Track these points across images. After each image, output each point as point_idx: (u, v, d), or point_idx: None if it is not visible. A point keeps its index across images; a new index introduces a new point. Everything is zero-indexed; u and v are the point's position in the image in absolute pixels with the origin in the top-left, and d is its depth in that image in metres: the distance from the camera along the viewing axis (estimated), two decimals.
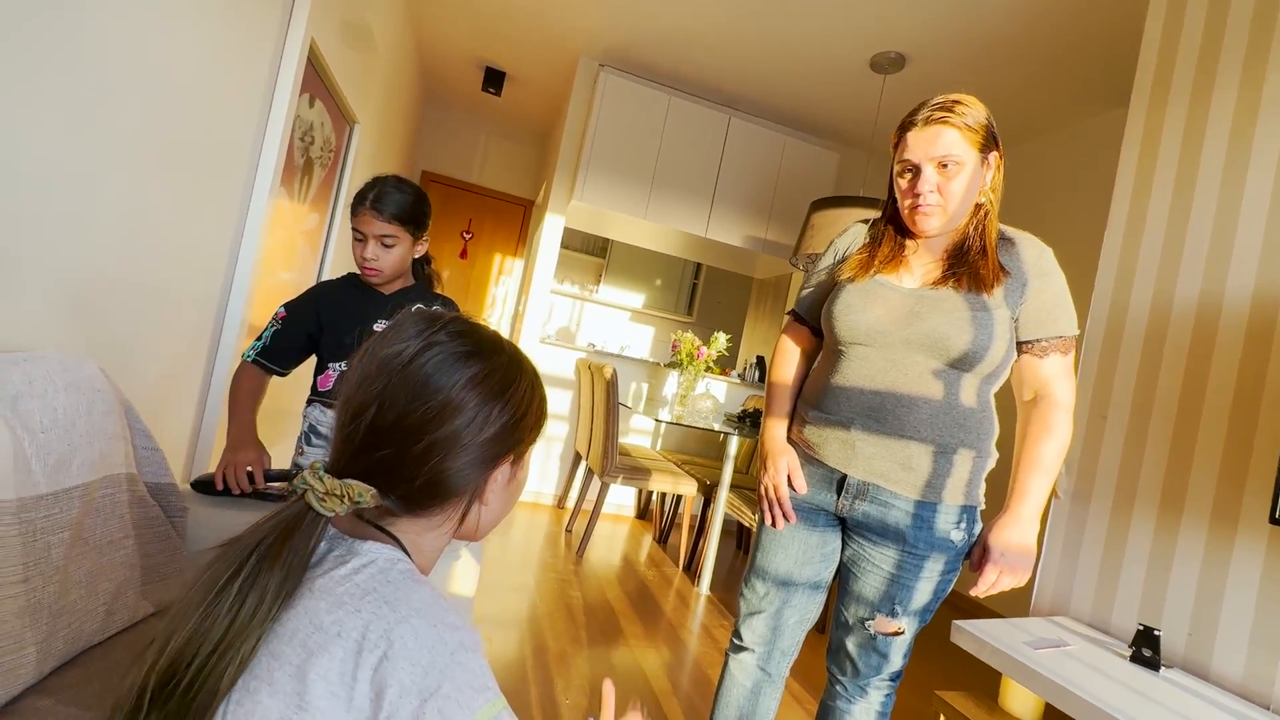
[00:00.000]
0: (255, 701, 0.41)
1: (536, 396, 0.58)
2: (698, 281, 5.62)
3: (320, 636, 0.42)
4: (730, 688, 1.19)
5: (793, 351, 1.24)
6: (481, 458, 0.52)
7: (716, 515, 2.70)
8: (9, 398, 0.75)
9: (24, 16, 0.88)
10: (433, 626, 0.43)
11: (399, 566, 0.48)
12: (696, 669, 2.00)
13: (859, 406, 1.04)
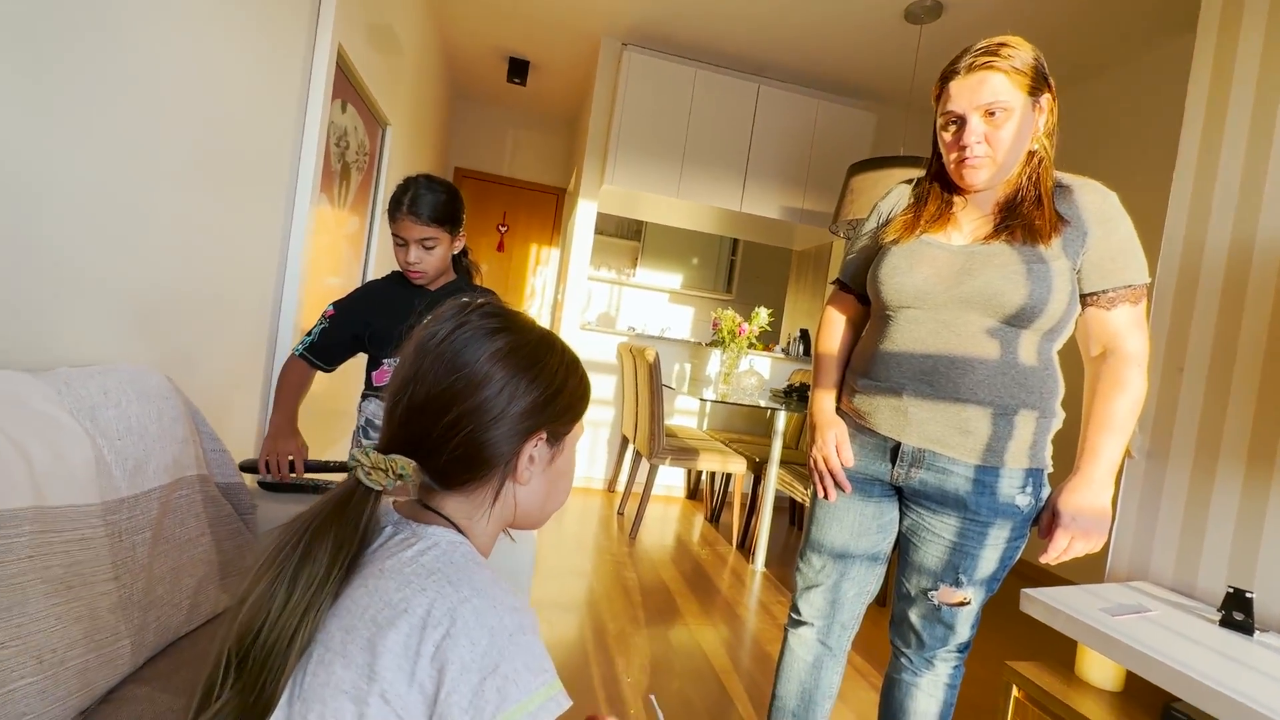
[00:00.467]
0: (330, 672, 0.44)
1: (572, 378, 0.57)
2: (735, 258, 5.53)
3: (389, 613, 0.44)
4: (791, 663, 1.18)
5: (838, 321, 1.20)
6: (512, 431, 0.53)
7: (767, 492, 2.68)
8: (88, 409, 0.79)
9: (70, 46, 0.92)
10: (493, 608, 0.45)
11: (461, 549, 0.50)
12: (756, 646, 1.99)
13: (910, 371, 1.00)
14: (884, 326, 1.06)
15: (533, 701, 0.43)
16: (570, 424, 0.58)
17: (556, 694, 0.45)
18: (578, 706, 1.50)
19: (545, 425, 0.54)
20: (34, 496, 0.66)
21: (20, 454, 0.66)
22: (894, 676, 1.13)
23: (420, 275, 1.38)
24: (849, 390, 1.12)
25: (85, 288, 1.02)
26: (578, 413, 0.59)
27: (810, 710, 1.16)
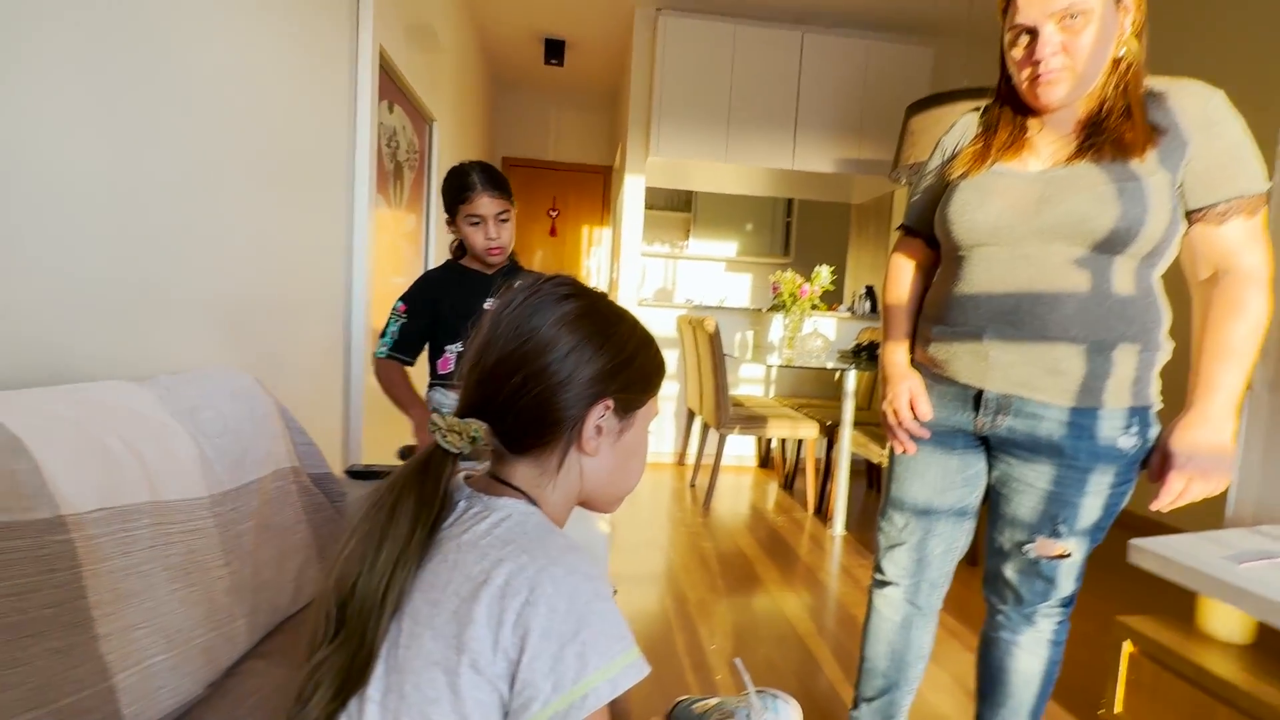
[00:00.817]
0: (420, 644, 0.45)
1: (644, 351, 0.57)
2: (791, 219, 5.36)
3: (470, 585, 0.45)
4: (878, 624, 1.14)
5: (906, 268, 1.13)
6: (578, 395, 0.52)
7: (842, 455, 2.61)
8: (188, 410, 0.86)
9: (136, 78, 0.97)
10: (570, 574, 0.45)
11: (534, 519, 0.51)
12: (840, 609, 1.96)
13: (990, 313, 0.94)
14: (957, 268, 0.99)
15: (613, 667, 0.44)
16: (640, 397, 0.57)
17: (636, 660, 0.45)
18: (663, 675, 1.52)
19: (612, 394, 0.54)
20: (150, 492, 0.72)
21: (134, 455, 0.72)
22: (991, 635, 1.08)
23: (500, 251, 1.40)
24: (923, 339, 1.06)
25: (177, 301, 1.09)
26: (648, 387, 0.58)
27: (902, 671, 1.13)
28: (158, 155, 1.03)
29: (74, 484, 0.63)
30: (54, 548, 0.58)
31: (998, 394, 0.95)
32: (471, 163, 1.40)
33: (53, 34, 0.81)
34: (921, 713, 1.44)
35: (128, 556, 0.66)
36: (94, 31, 0.88)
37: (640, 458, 0.60)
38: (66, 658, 0.56)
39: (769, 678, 1.53)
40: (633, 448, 0.58)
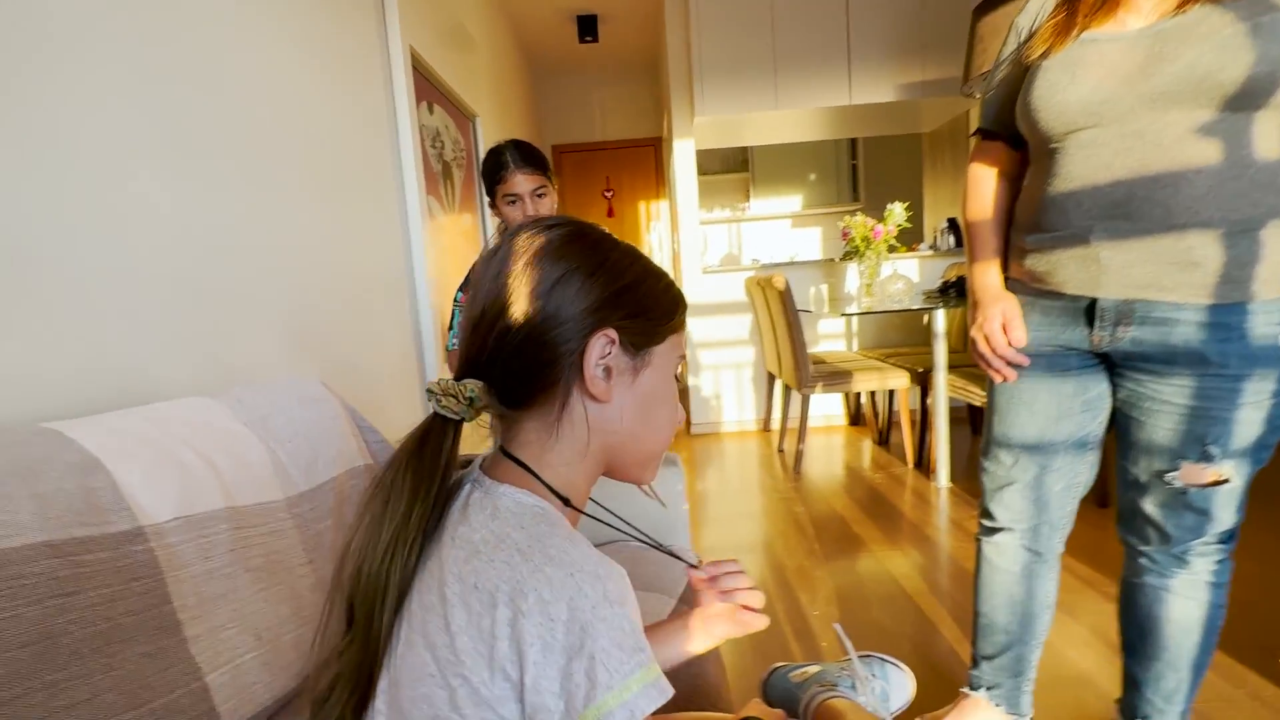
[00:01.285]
0: (414, 654, 0.40)
1: (650, 278, 0.50)
2: (856, 162, 5.03)
3: (459, 587, 0.39)
4: (992, 576, 1.03)
5: (988, 176, 1.00)
6: (571, 328, 0.46)
7: (939, 402, 2.42)
8: (259, 419, 0.88)
9: (183, 107, 1.01)
10: (570, 576, 0.38)
11: (532, 510, 0.44)
12: (953, 565, 1.82)
13: (1096, 208, 0.80)
14: (1051, 164, 0.85)
15: (628, 689, 0.37)
16: (652, 330, 0.49)
17: (655, 680, 0.38)
18: (766, 644, 1.47)
19: (614, 322, 0.46)
20: (225, 499, 0.74)
21: (209, 465, 0.74)
22: (1134, 581, 0.94)
23: None
24: (1017, 253, 0.93)
25: (247, 318, 1.14)
26: (659, 317, 0.50)
27: (1027, 625, 1.01)
28: (212, 180, 1.07)
29: (150, 496, 0.65)
30: (135, 557, 0.60)
31: (1115, 301, 0.81)
32: (506, 142, 1.39)
33: (102, 72, 0.85)
34: (1056, 670, 1.31)
35: (209, 561, 0.68)
36: (140, 67, 0.92)
37: (668, 406, 0.52)
38: (157, 660, 0.58)
39: (879, 643, 1.44)
40: (655, 394, 0.50)
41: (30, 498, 0.55)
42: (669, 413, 0.52)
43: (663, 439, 0.52)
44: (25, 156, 0.75)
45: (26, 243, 0.74)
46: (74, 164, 0.82)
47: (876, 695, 0.68)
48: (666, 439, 0.52)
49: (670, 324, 0.51)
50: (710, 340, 3.57)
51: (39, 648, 0.50)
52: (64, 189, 0.80)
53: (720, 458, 3.18)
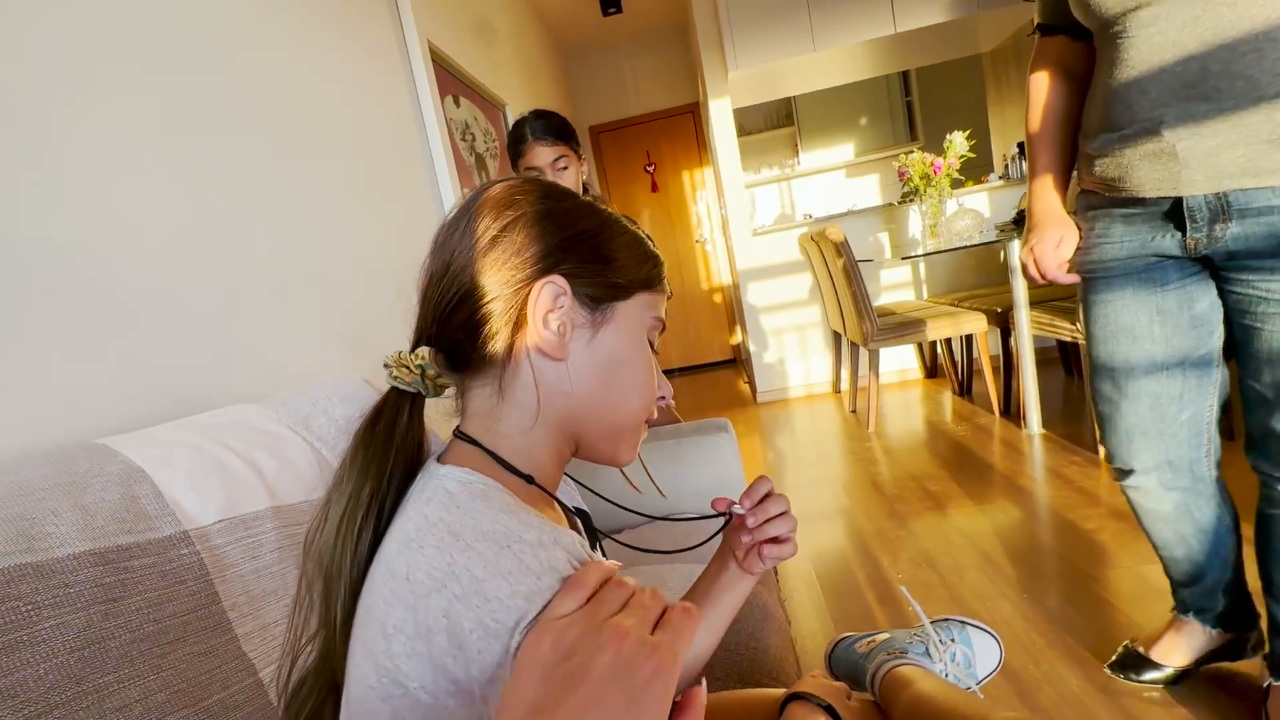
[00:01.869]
0: (356, 664, 0.36)
1: (607, 225, 0.45)
2: (910, 97, 4.69)
3: (393, 582, 0.34)
4: (1147, 519, 0.94)
5: (1047, 80, 0.88)
6: (510, 275, 0.41)
7: (1022, 342, 2.22)
8: (301, 419, 0.89)
9: (216, 127, 1.03)
10: (506, 547, 0.34)
11: (468, 488, 0.38)
12: (1055, 518, 1.67)
13: (1166, 93, 0.68)
14: (1111, 53, 0.73)
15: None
16: (613, 281, 0.44)
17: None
18: (849, 612, 1.39)
19: (560, 268, 0.42)
20: (270, 499, 0.75)
21: (251, 468, 0.76)
22: (1272, 514, 0.81)
23: None
24: (1085, 161, 0.81)
25: (295, 323, 1.17)
26: (622, 269, 0.44)
27: (1208, 552, 0.90)
28: (248, 192, 1.09)
29: (194, 500, 0.67)
30: (180, 560, 0.62)
31: (1205, 196, 0.68)
32: (529, 113, 1.35)
33: (135, 97, 0.87)
34: None
35: (256, 560, 0.69)
36: (171, 94, 0.94)
37: (637, 372, 0.45)
38: (209, 659, 0.59)
39: (973, 608, 1.34)
40: (618, 355, 0.44)
41: (74, 509, 0.57)
42: (638, 380, 0.45)
43: (631, 410, 0.45)
44: (66, 183, 0.78)
45: (72, 264, 0.78)
46: (113, 186, 0.84)
47: (957, 662, 0.61)
48: (636, 411, 0.46)
49: (638, 280, 0.45)
50: (768, 304, 3.44)
51: (87, 653, 0.51)
52: (105, 210, 0.83)
53: (790, 424, 3.08)
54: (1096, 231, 0.83)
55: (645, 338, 0.47)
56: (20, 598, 0.49)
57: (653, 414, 0.48)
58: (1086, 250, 0.86)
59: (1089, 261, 0.86)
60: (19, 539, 0.51)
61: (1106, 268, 0.83)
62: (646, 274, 0.46)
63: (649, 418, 0.47)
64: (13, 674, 0.46)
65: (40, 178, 0.76)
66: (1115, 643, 1.12)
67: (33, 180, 0.75)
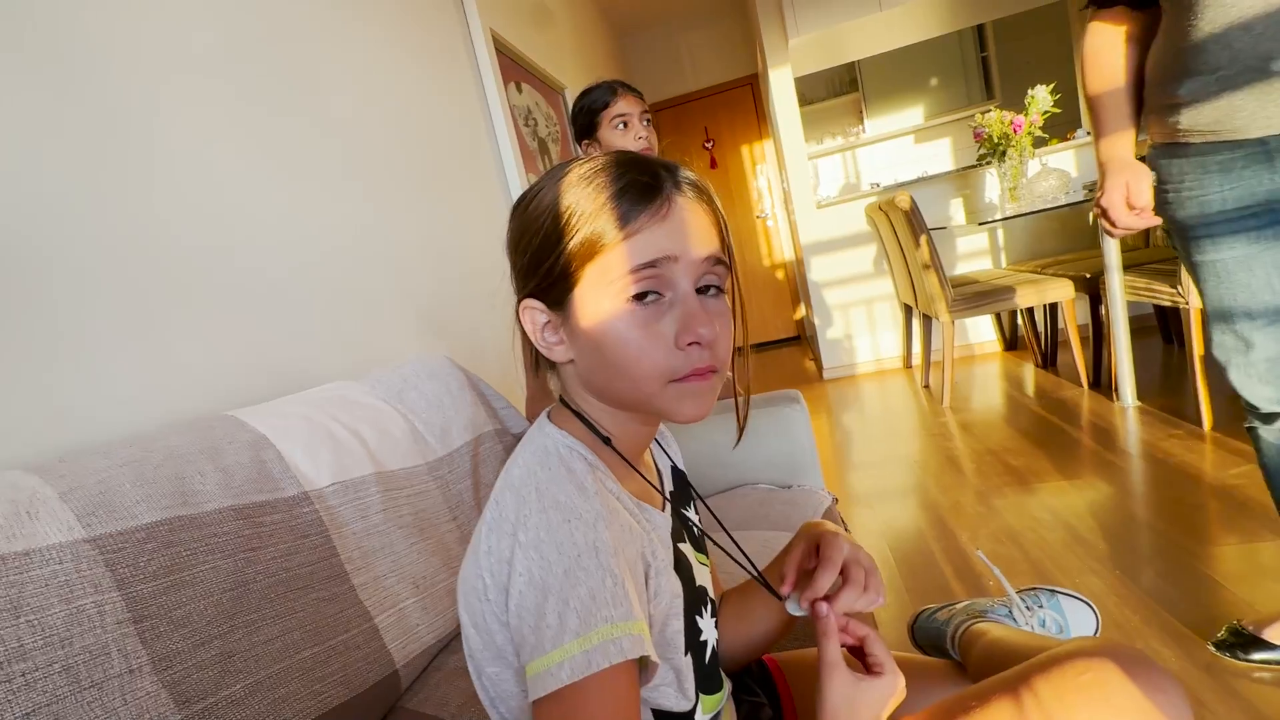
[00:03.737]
0: (466, 564, 0.44)
1: (532, 226, 0.45)
2: (986, 53, 4.40)
3: (495, 510, 0.42)
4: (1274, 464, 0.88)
5: (1109, 42, 0.86)
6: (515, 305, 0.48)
7: (1115, 308, 2.08)
8: (396, 393, 0.96)
9: (300, 131, 1.11)
10: (566, 521, 0.39)
11: (561, 453, 0.45)
12: (1153, 494, 1.57)
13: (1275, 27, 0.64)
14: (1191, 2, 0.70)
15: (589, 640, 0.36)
16: (554, 280, 0.44)
17: (620, 637, 0.36)
18: (926, 588, 1.37)
19: (527, 293, 0.47)
20: (374, 465, 0.82)
21: (355, 437, 0.83)
22: None
23: (649, 151, 1.36)
24: (1163, 112, 0.78)
25: (385, 309, 1.25)
26: (555, 263, 0.43)
27: None
28: (333, 188, 1.17)
29: (310, 465, 0.74)
30: (304, 518, 0.69)
31: None
32: (596, 84, 1.37)
33: (234, 111, 0.96)
34: None
35: (365, 520, 0.76)
36: (267, 104, 1.02)
37: (617, 342, 0.42)
38: (332, 604, 0.66)
39: (1060, 581, 1.29)
40: (596, 337, 0.43)
41: (216, 471, 0.64)
42: (625, 353, 0.42)
43: (638, 379, 0.43)
44: (183, 184, 0.86)
45: (197, 261, 0.86)
46: (221, 187, 0.93)
47: (1047, 628, 0.60)
48: (645, 378, 0.43)
49: (578, 256, 0.43)
50: (833, 279, 3.35)
51: (236, 593, 0.58)
52: (218, 211, 0.91)
53: (858, 401, 3.01)
54: (1187, 185, 0.79)
55: (622, 305, 0.42)
56: (181, 544, 0.56)
57: (678, 369, 0.43)
58: (1179, 205, 0.80)
59: (1187, 218, 0.80)
60: (176, 495, 0.58)
61: (1208, 222, 0.78)
62: (593, 235, 0.42)
63: (679, 374, 0.43)
64: (182, 607, 0.53)
65: (162, 178, 0.85)
66: (1220, 622, 1.06)
67: (160, 182, 0.84)
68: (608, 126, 1.34)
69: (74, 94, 0.75)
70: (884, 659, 0.45)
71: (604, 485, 0.44)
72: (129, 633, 0.49)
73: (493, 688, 0.45)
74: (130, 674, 0.48)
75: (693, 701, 0.47)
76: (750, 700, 0.60)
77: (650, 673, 0.40)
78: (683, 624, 0.46)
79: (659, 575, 0.45)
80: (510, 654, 0.42)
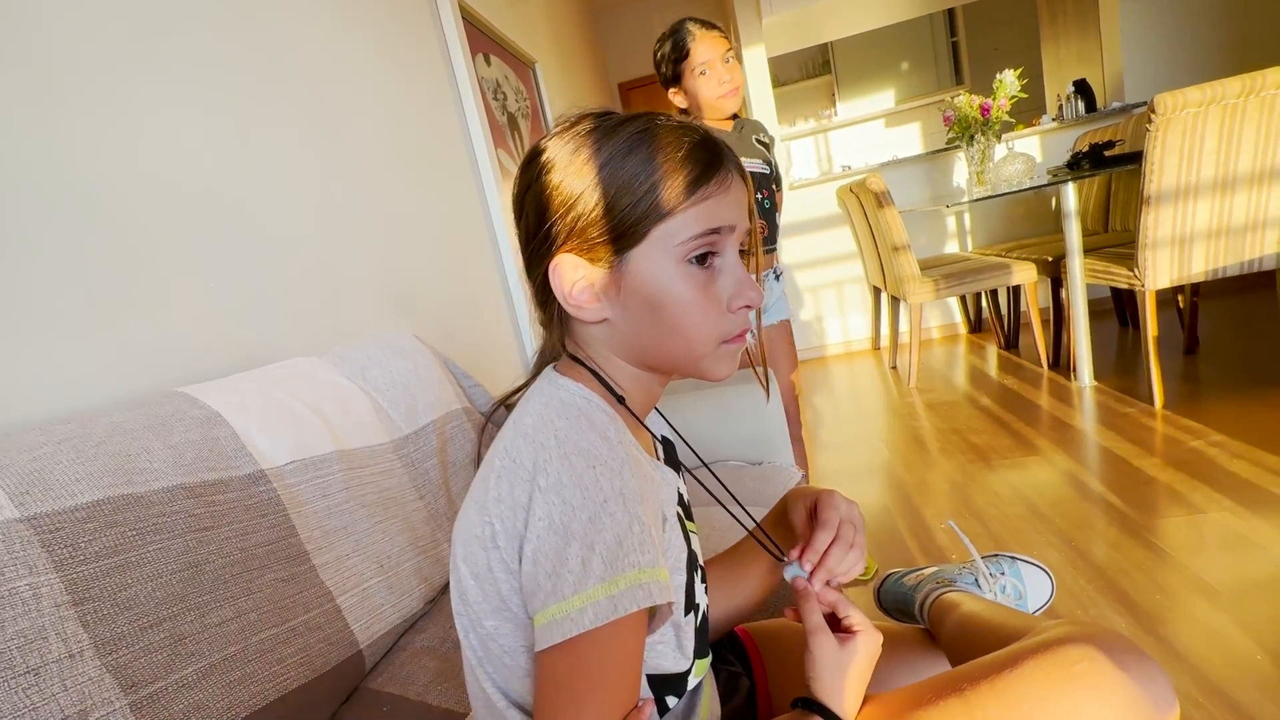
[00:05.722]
0: (469, 517, 0.43)
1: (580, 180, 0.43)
2: (956, 37, 4.45)
3: (505, 460, 0.41)
4: None
5: None
6: (529, 263, 0.48)
7: (1074, 291, 2.14)
8: (359, 370, 0.93)
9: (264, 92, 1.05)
10: (591, 467, 0.38)
11: (580, 405, 0.43)
12: (1107, 469, 1.63)
13: None
14: None
15: (615, 585, 0.36)
16: (609, 235, 0.43)
17: (647, 582, 0.36)
18: (889, 559, 1.41)
19: (563, 247, 0.44)
20: (336, 443, 0.79)
21: (317, 414, 0.80)
22: None
23: (735, 92, 1.30)
24: None
25: (350, 285, 1.21)
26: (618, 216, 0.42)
27: None
28: (294, 157, 1.12)
29: (268, 443, 0.71)
30: (260, 496, 0.66)
31: None
32: (680, 20, 1.32)
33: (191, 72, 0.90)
34: (1247, 573, 1.14)
35: (327, 499, 0.74)
36: (225, 62, 0.96)
37: (676, 304, 0.43)
38: (292, 585, 0.64)
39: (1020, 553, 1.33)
40: (652, 297, 0.43)
41: (165, 448, 0.61)
42: (682, 316, 0.44)
43: (689, 343, 0.44)
44: (137, 146, 0.81)
45: (146, 226, 0.81)
46: (177, 148, 0.88)
47: (1008, 594, 0.61)
48: (695, 342, 0.44)
49: (651, 213, 0.42)
50: (804, 260, 3.37)
51: (187, 574, 0.56)
52: (172, 173, 0.86)
53: (827, 382, 3.05)
54: None
55: (682, 266, 0.43)
56: (125, 524, 0.53)
57: (730, 330, 0.45)
58: None
59: None
60: (119, 473, 0.55)
61: None
62: (665, 198, 0.42)
63: (728, 335, 0.45)
64: (128, 589, 0.51)
65: (110, 141, 0.79)
66: (1168, 590, 1.10)
67: (110, 144, 0.79)
68: (691, 76, 1.30)
69: (10, 53, 0.69)
70: (857, 618, 0.46)
71: (625, 436, 0.43)
72: (68, 615, 0.47)
73: (483, 645, 0.43)
74: (70, 658, 0.46)
75: (690, 661, 0.47)
76: (728, 670, 0.61)
77: (658, 623, 0.41)
78: (684, 581, 0.46)
79: (671, 530, 0.46)
80: (516, 604, 0.40)
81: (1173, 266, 1.83)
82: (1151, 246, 1.82)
